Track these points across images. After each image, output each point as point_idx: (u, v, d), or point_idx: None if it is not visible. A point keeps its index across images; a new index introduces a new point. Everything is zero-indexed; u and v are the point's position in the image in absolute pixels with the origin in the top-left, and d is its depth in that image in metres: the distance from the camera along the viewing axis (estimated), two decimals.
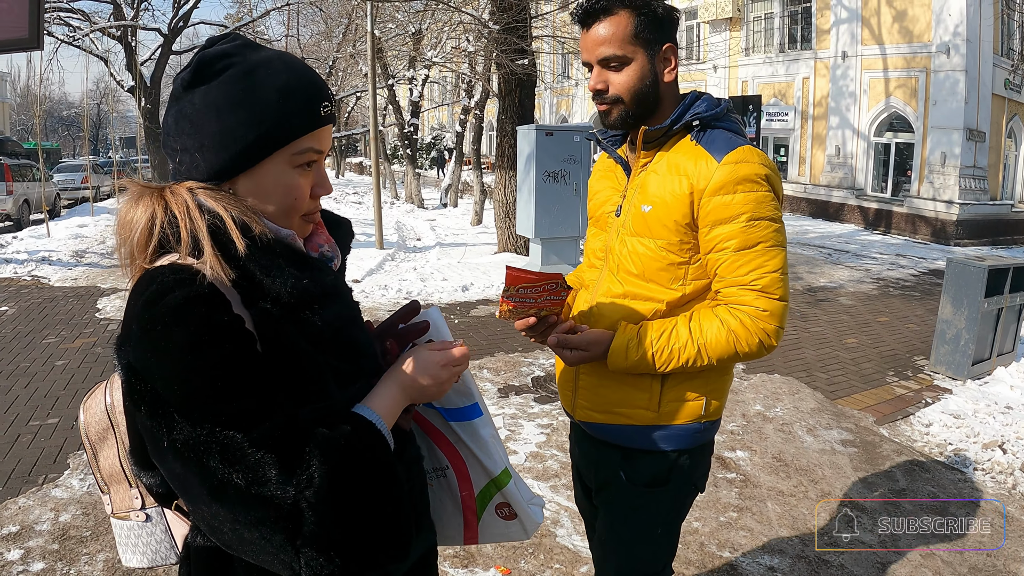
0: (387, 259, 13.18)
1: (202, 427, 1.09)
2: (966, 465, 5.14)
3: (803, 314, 9.97)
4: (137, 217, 1.25)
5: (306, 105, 1.30)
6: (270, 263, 1.24)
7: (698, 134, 2.02)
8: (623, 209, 2.12)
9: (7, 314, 9.40)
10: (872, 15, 20.32)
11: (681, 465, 2.16)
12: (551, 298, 1.96)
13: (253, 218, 1.25)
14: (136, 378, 1.14)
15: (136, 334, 1.14)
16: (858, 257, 15.28)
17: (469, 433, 1.66)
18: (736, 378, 6.94)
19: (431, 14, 20.57)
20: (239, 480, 1.09)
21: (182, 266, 1.17)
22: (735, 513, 4.40)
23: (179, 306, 1.12)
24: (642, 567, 2.24)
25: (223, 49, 1.29)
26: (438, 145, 46.35)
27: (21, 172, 21.06)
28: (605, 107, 2.04)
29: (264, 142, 1.26)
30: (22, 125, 69.14)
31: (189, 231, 1.20)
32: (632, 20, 1.95)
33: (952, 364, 7.13)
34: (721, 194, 1.92)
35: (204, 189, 1.26)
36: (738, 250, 1.93)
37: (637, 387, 2.09)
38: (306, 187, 1.34)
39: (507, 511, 1.73)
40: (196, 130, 1.26)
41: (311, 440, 1.15)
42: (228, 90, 1.25)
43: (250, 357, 1.15)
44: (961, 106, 18.06)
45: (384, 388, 1.37)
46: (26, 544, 3.99)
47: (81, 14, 25.58)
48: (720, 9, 25.23)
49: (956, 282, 7.08)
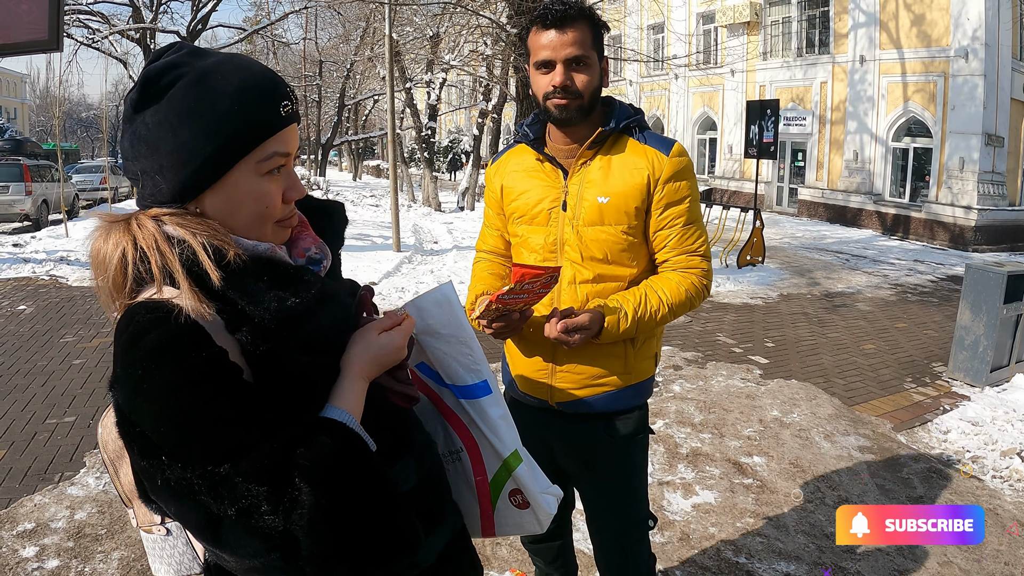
0: (404, 262, 13.20)
1: (191, 467, 1.08)
2: (984, 472, 5.09)
3: (821, 319, 9.93)
4: (108, 255, 1.21)
5: (264, 107, 1.24)
6: (250, 287, 1.19)
7: (639, 135, 2.37)
8: (568, 203, 2.36)
9: (25, 313, 9.46)
10: (890, 19, 20.20)
11: (644, 414, 2.59)
12: (541, 291, 2.09)
13: (226, 241, 1.20)
14: (125, 421, 1.13)
15: (120, 377, 1.13)
16: (876, 263, 15.19)
17: (478, 411, 1.65)
18: (753, 384, 6.93)
19: (449, 17, 20.60)
20: (232, 514, 1.08)
21: (158, 303, 1.15)
22: (751, 519, 4.37)
23: (156, 349, 1.10)
24: (641, 509, 2.65)
25: (168, 61, 1.22)
26: (455, 149, 46.44)
27: (40, 173, 21.23)
28: (565, 101, 2.26)
29: (224, 153, 1.20)
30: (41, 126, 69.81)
31: (160, 267, 1.17)
32: (591, 30, 2.25)
33: (970, 371, 7.07)
34: (673, 181, 2.31)
35: (171, 215, 1.21)
36: (685, 225, 2.35)
37: (612, 356, 2.40)
38: (277, 193, 1.28)
39: (520, 499, 1.72)
40: (152, 151, 1.20)
41: (296, 464, 1.12)
42: (179, 103, 1.19)
43: (234, 390, 1.13)
44: (979, 111, 17.91)
45: (343, 381, 1.32)
46: (41, 541, 4.01)
47: (100, 16, 25.79)
48: (738, 13, 25.14)
49: (975, 288, 7.02)
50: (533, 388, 2.51)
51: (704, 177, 28.66)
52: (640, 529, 2.64)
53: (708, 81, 27.72)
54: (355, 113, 41.20)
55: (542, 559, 3.07)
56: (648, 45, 30.78)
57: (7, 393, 6.39)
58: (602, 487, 2.60)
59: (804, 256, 15.73)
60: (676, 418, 5.90)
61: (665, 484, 4.78)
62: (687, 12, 28.02)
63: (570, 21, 2.20)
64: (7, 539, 4.03)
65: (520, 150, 2.53)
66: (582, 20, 2.22)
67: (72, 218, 20.17)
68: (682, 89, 29.19)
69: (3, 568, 3.77)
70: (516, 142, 2.57)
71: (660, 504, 4.52)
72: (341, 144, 40.66)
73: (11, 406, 6.06)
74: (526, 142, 2.47)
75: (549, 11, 2.22)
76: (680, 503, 4.55)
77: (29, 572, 3.75)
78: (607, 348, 2.37)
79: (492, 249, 2.68)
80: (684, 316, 9.59)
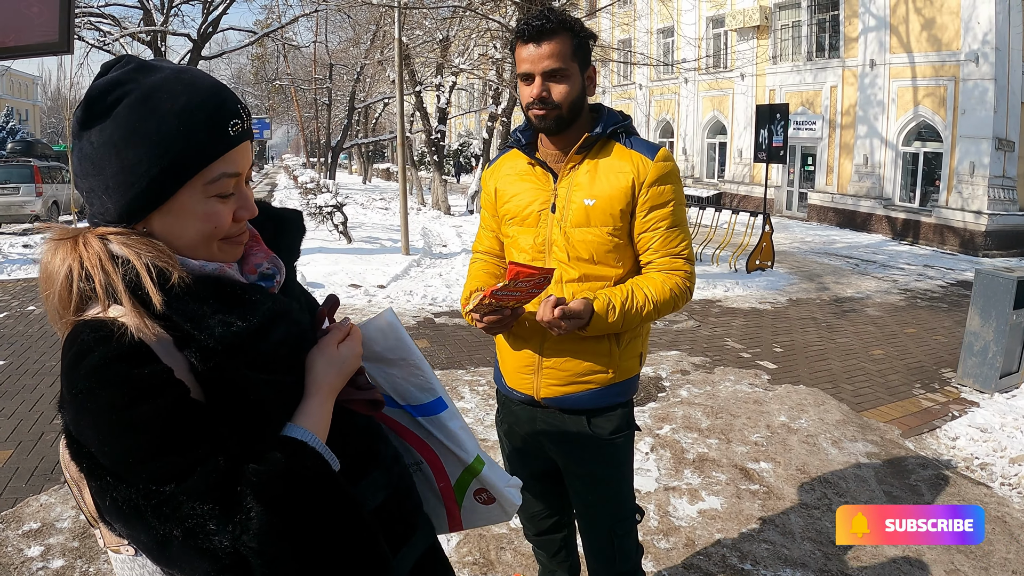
0: (413, 265, 13.21)
1: (136, 487, 1.07)
2: (992, 480, 5.06)
3: (829, 324, 9.89)
4: (55, 270, 1.19)
5: (211, 128, 1.19)
6: (194, 311, 1.17)
7: (625, 140, 2.44)
8: (557, 206, 2.45)
9: (34, 313, 9.51)
10: (900, 23, 20.14)
11: (629, 411, 2.65)
12: (533, 290, 2.17)
13: (171, 263, 1.17)
14: (72, 441, 1.12)
15: (65, 397, 1.11)
16: (885, 267, 15.14)
17: (438, 426, 1.68)
18: (761, 389, 6.89)
19: (459, 21, 20.61)
20: (178, 534, 1.06)
21: (101, 322, 1.13)
22: (757, 525, 4.35)
23: (98, 367, 1.08)
24: (628, 502, 2.72)
25: (114, 78, 1.18)
26: (464, 152, 46.49)
27: (51, 174, 21.34)
28: (543, 112, 2.34)
29: (169, 175, 1.17)
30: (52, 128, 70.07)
31: (103, 286, 1.15)
32: (571, 41, 2.31)
33: (979, 377, 7.03)
34: (657, 184, 2.38)
35: (117, 234, 1.19)
36: (669, 228, 2.41)
37: (598, 353, 2.47)
38: (227, 213, 1.25)
39: (485, 496, 1.76)
40: (98, 171, 1.17)
41: (245, 480, 1.11)
42: (123, 123, 1.15)
43: (179, 408, 1.10)
44: (990, 115, 17.84)
45: (306, 401, 1.29)
46: (46, 541, 4.02)
47: (111, 19, 25.89)
48: (747, 17, 25.10)
49: (984, 293, 6.98)
50: (520, 383, 2.59)
51: (714, 181, 28.64)
52: (627, 523, 2.72)
53: (718, 85, 27.68)
54: (365, 116, 41.26)
55: (545, 552, 3.09)
56: (658, 49, 30.75)
57: (15, 393, 6.41)
58: (588, 481, 2.67)
59: (813, 261, 15.69)
60: (683, 423, 5.88)
61: (671, 489, 4.76)
62: (697, 16, 27.98)
63: (548, 34, 2.28)
64: (12, 538, 4.03)
65: (513, 155, 2.63)
66: (561, 32, 2.29)
67: (82, 220, 20.24)
68: (692, 93, 29.16)
69: (8, 567, 3.78)
70: (509, 147, 2.66)
71: (666, 510, 4.50)
72: (351, 147, 40.71)
73: (19, 406, 6.08)
74: (518, 147, 2.57)
75: (528, 25, 2.30)
76: (686, 509, 4.53)
77: (34, 572, 3.75)
78: (593, 345, 2.45)
79: (487, 250, 2.76)
80: (692, 321, 9.58)
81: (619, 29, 31.55)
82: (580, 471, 2.66)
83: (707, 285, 11.94)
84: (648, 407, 6.26)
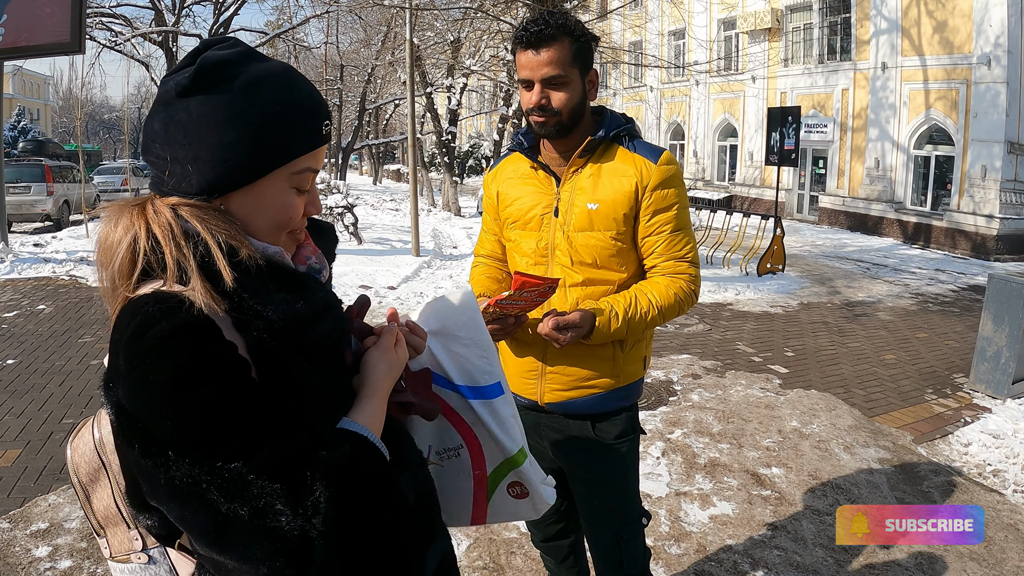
0: (423, 266, 13.22)
1: (200, 463, 1.05)
2: (1005, 487, 5.02)
3: (841, 329, 9.84)
4: (117, 239, 1.19)
5: (309, 124, 1.26)
6: (260, 288, 1.18)
7: (628, 143, 2.44)
8: (560, 210, 2.44)
9: (45, 312, 9.52)
10: (912, 26, 20.06)
11: (634, 415, 2.65)
12: (538, 299, 2.18)
13: (241, 241, 1.19)
14: (126, 417, 1.09)
15: (123, 370, 1.09)
16: (897, 272, 15.07)
17: (490, 411, 1.65)
18: (773, 394, 6.86)
19: (470, 23, 20.65)
20: (243, 513, 1.05)
21: (168, 294, 1.12)
22: (769, 531, 4.32)
23: (166, 338, 1.06)
24: (635, 506, 2.72)
25: (225, 56, 1.22)
26: (475, 154, 46.55)
27: (62, 173, 21.44)
28: (543, 119, 2.35)
29: (265, 159, 1.21)
30: (64, 127, 70.37)
31: (174, 258, 1.14)
32: (571, 46, 2.29)
33: (992, 382, 6.97)
34: (660, 188, 2.37)
35: (190, 207, 1.19)
36: (673, 231, 2.41)
37: (602, 358, 2.46)
38: (300, 206, 1.30)
39: (519, 490, 1.74)
40: (190, 140, 1.19)
41: (312, 465, 1.10)
42: (230, 102, 1.19)
43: (245, 385, 1.10)
44: (1002, 119, 17.74)
45: (362, 403, 1.31)
46: (54, 541, 4.02)
47: (123, 19, 26.02)
48: (759, 19, 25.04)
49: (997, 298, 6.93)
50: (523, 388, 2.57)
51: (724, 184, 28.58)
52: (634, 527, 2.71)
53: (729, 87, 27.62)
54: (376, 117, 41.32)
55: (552, 559, 3.09)
56: (669, 51, 30.71)
57: (24, 392, 6.42)
58: (594, 486, 2.66)
59: (824, 264, 15.63)
60: (694, 428, 5.85)
61: (682, 495, 4.73)
62: (708, 18, 27.92)
63: (547, 41, 2.26)
64: (20, 538, 4.03)
65: (515, 158, 2.62)
66: (561, 37, 2.27)
67: (93, 219, 20.29)
68: (703, 95, 29.10)
69: (16, 567, 3.78)
70: (511, 150, 2.66)
71: (677, 515, 4.47)
72: (361, 148, 40.77)
73: (28, 405, 6.09)
74: (521, 150, 2.57)
75: (527, 32, 2.29)
76: (697, 514, 4.50)
77: (42, 572, 3.75)
78: (596, 350, 2.44)
79: (489, 253, 2.77)
80: (703, 325, 9.55)
81: (630, 31, 31.54)
82: (585, 476, 2.66)
83: (718, 288, 11.90)
84: (659, 411, 6.23)
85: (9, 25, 12.30)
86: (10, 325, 8.88)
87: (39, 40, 12.56)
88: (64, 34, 12.44)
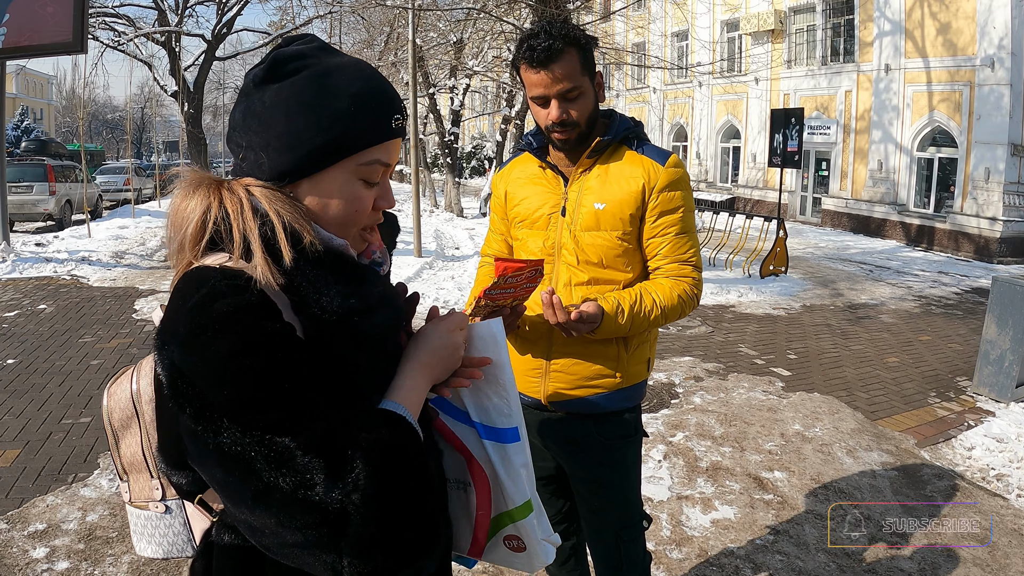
0: (425, 267, 13.21)
1: (251, 432, 1.08)
2: (1009, 491, 4.99)
3: (844, 331, 9.81)
4: (192, 208, 1.23)
5: (378, 115, 1.29)
6: (317, 277, 1.22)
7: (637, 145, 2.47)
8: (567, 209, 2.46)
9: (45, 312, 9.51)
10: (916, 28, 20.01)
11: (637, 416, 2.66)
12: (528, 285, 2.10)
13: (305, 226, 1.23)
14: (182, 380, 1.12)
15: (183, 336, 1.12)
16: (900, 274, 15.03)
17: (501, 455, 1.59)
18: (775, 396, 6.84)
19: (473, 23, 20.59)
20: (285, 485, 1.08)
21: (234, 271, 1.16)
22: (771, 536, 4.29)
23: (230, 314, 1.10)
24: (635, 508, 2.72)
25: (298, 49, 1.28)
26: (478, 154, 46.56)
27: (64, 173, 21.44)
28: (565, 135, 2.38)
29: (331, 148, 1.25)
30: (67, 127, 70.45)
31: (241, 232, 1.19)
32: (578, 56, 2.31)
33: (995, 386, 6.94)
34: (667, 190, 2.40)
35: (262, 188, 1.24)
36: (678, 234, 2.44)
37: (606, 358, 2.46)
38: (369, 199, 1.33)
39: (516, 543, 1.67)
40: (264, 128, 1.25)
41: (354, 443, 1.13)
42: (300, 91, 1.24)
43: (299, 363, 1.13)
44: (1006, 121, 17.69)
45: (404, 376, 1.34)
46: (52, 543, 4.00)
47: (126, 19, 26.03)
48: (762, 21, 25.01)
49: (1001, 301, 6.89)
50: (526, 386, 2.56)
51: (727, 186, 28.55)
52: (634, 529, 2.72)
53: (732, 89, 27.58)
54: None
55: (554, 561, 3.03)
56: (672, 52, 30.69)
57: (24, 392, 6.40)
58: (595, 487, 2.66)
59: (827, 266, 15.60)
60: (696, 431, 5.83)
61: (684, 498, 4.70)
62: (711, 20, 27.91)
63: (556, 56, 2.26)
64: (18, 539, 4.02)
65: (524, 158, 2.65)
66: (568, 49, 2.28)
67: (95, 219, 20.33)
68: (706, 97, 29.08)
69: (13, 569, 3.76)
70: (521, 151, 2.69)
71: (678, 519, 4.45)
72: None
73: (27, 405, 6.07)
74: (530, 151, 2.60)
75: (534, 50, 2.28)
76: (699, 518, 4.47)
77: (39, 573, 3.73)
78: (601, 350, 2.45)
79: (496, 253, 2.77)
80: (706, 327, 9.53)
81: (633, 32, 31.49)
82: (586, 476, 2.66)
83: (720, 290, 11.87)
84: (661, 414, 6.21)
85: (11, 25, 12.31)
86: (11, 325, 8.88)
87: (41, 40, 12.57)
88: (66, 34, 12.45)
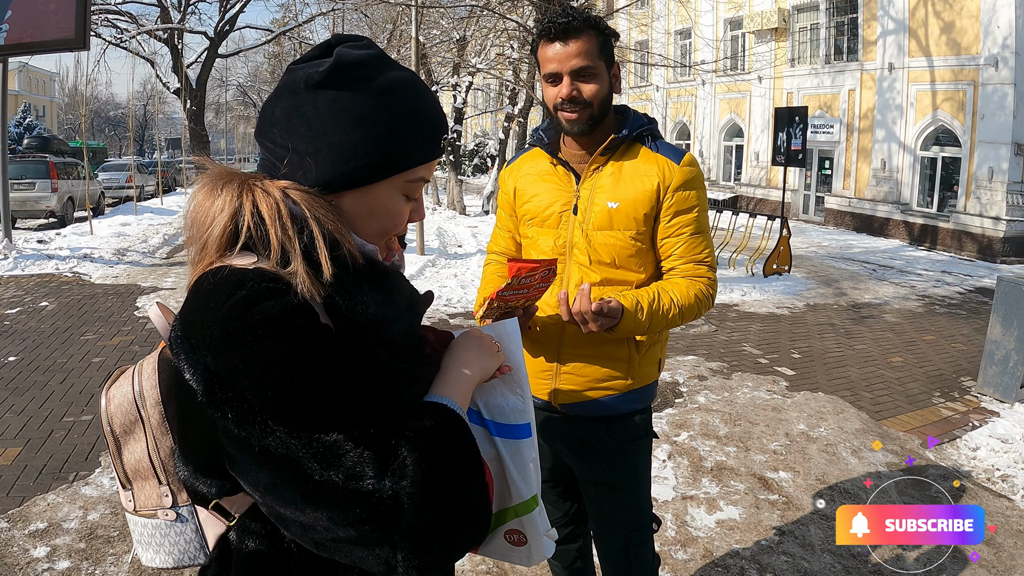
0: (428, 265, 13.18)
1: (300, 432, 1.08)
2: (1014, 492, 4.96)
3: (848, 331, 9.79)
4: (219, 208, 1.19)
5: (430, 134, 1.30)
6: (353, 286, 1.21)
7: (651, 143, 2.43)
8: (579, 208, 2.42)
9: (47, 309, 9.50)
10: (919, 26, 19.97)
11: (647, 418, 2.63)
12: (541, 285, 2.09)
13: (344, 236, 1.22)
14: (220, 385, 1.10)
15: (220, 339, 1.10)
16: (903, 273, 15.00)
17: (512, 452, 1.58)
18: (779, 396, 6.82)
19: (475, 21, 20.60)
20: (336, 479, 1.07)
21: (272, 274, 1.14)
22: (776, 537, 4.27)
23: (276, 317, 1.09)
24: (646, 509, 2.70)
25: (361, 57, 1.25)
26: (480, 152, 46.56)
27: (67, 170, 21.41)
28: (575, 114, 2.33)
29: (383, 164, 1.25)
30: (69, 124, 70.51)
31: (279, 239, 1.16)
32: (597, 39, 2.30)
33: (1000, 386, 6.91)
34: (683, 189, 2.37)
35: (301, 192, 1.22)
36: (693, 234, 2.40)
37: (617, 359, 2.43)
38: (407, 212, 1.34)
39: (517, 537, 1.67)
40: (314, 135, 1.22)
41: (400, 433, 1.13)
42: (361, 103, 1.22)
43: (343, 363, 1.13)
44: (1009, 120, 17.65)
45: (452, 375, 1.36)
46: (52, 542, 3.98)
47: (128, 16, 26.04)
48: (765, 19, 24.97)
49: (1006, 301, 6.87)
50: (536, 388, 2.52)
51: (730, 184, 28.53)
52: (644, 532, 2.69)
53: (735, 87, 27.54)
54: None
55: (560, 563, 3.04)
56: (675, 50, 30.64)
57: (25, 389, 6.39)
58: (604, 489, 2.64)
59: (831, 266, 15.57)
60: (700, 431, 5.80)
61: (689, 499, 4.68)
62: (715, 18, 27.90)
63: (574, 32, 2.26)
64: (18, 538, 4.00)
65: (535, 154, 2.60)
66: (587, 30, 2.28)
67: (97, 216, 20.32)
68: (709, 95, 29.05)
69: (13, 568, 3.75)
70: (531, 146, 2.64)
71: (683, 519, 4.43)
72: None
73: (29, 403, 6.06)
74: (541, 146, 2.54)
75: (553, 24, 2.29)
76: (704, 519, 4.45)
77: (39, 573, 3.72)
78: (612, 351, 2.42)
79: (503, 251, 2.74)
80: (709, 326, 9.51)
81: (637, 30, 31.49)
82: (596, 478, 2.63)
83: (724, 289, 11.84)
84: (665, 413, 6.18)
85: (14, 21, 12.29)
86: (12, 322, 8.87)
87: (44, 36, 12.56)
88: (69, 31, 12.43)
